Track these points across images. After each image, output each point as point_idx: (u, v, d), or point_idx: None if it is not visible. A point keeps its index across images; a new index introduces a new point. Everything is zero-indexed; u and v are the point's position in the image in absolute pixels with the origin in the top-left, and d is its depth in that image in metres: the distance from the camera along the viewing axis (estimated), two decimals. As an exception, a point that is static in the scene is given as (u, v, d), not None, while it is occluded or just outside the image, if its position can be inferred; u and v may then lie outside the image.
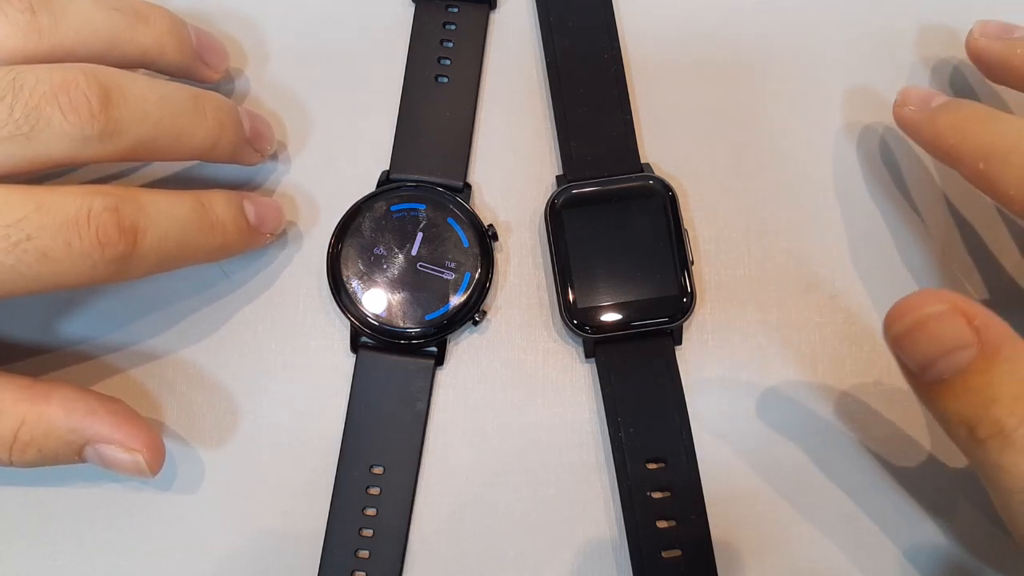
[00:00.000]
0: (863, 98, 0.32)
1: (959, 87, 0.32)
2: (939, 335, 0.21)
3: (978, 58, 0.29)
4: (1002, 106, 0.32)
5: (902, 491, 0.28)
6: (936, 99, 0.28)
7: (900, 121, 0.29)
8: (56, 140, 0.23)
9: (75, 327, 0.30)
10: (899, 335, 0.22)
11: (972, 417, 0.21)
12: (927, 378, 0.22)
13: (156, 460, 0.26)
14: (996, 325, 0.21)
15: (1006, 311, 0.22)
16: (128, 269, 0.24)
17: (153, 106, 0.25)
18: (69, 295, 0.30)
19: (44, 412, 0.24)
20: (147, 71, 0.28)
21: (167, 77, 0.28)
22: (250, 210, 0.28)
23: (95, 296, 0.30)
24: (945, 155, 0.27)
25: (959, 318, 0.21)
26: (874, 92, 0.32)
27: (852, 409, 0.29)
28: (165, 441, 0.29)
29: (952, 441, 0.22)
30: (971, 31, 0.29)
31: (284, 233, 0.31)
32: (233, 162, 0.29)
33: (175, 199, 0.25)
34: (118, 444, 0.25)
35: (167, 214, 0.25)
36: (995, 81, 0.29)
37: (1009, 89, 0.30)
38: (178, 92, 0.26)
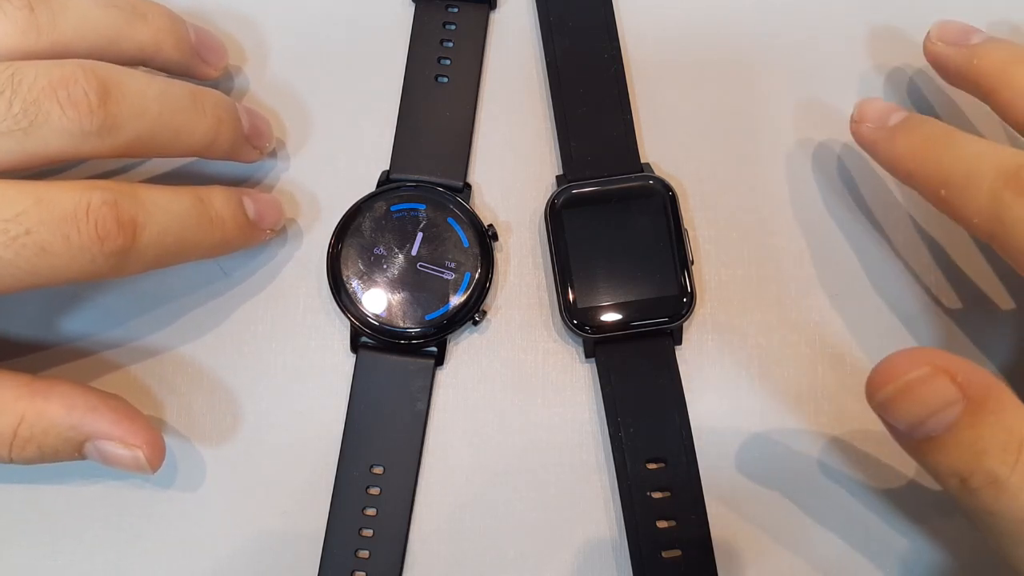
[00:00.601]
0: (864, 97, 0.32)
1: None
2: (925, 398, 0.21)
3: (935, 64, 0.29)
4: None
5: (903, 491, 0.28)
6: (894, 115, 0.27)
7: (858, 139, 0.28)
8: (55, 135, 0.23)
9: (75, 324, 0.30)
10: (884, 402, 0.22)
11: (964, 470, 0.21)
12: (915, 437, 0.22)
13: (156, 456, 0.26)
14: (979, 377, 0.21)
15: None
16: (127, 264, 0.24)
17: (152, 102, 0.25)
18: (69, 291, 0.30)
19: (44, 409, 0.24)
20: (146, 68, 0.28)
21: (166, 74, 0.28)
22: (249, 206, 0.28)
23: (95, 293, 0.30)
24: (904, 179, 0.26)
25: (943, 377, 0.21)
26: (875, 91, 0.32)
27: (852, 409, 0.29)
28: (165, 441, 0.29)
29: (943, 489, 0.22)
30: (928, 34, 0.28)
31: (284, 232, 0.31)
32: (231, 159, 0.29)
33: (174, 194, 0.25)
34: (118, 440, 0.25)
35: (166, 209, 0.25)
36: (953, 85, 0.29)
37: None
38: (176, 88, 0.26)
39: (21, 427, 0.24)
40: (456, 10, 0.32)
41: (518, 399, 0.29)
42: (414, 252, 0.29)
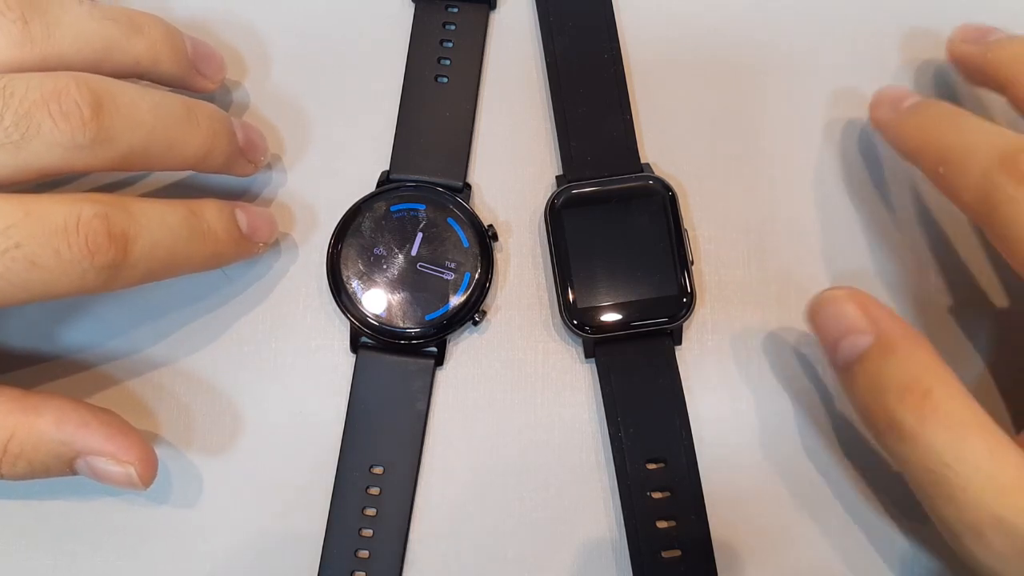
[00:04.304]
0: (863, 97, 0.32)
1: (955, 87, 0.32)
2: (839, 314, 0.24)
3: (956, 63, 0.30)
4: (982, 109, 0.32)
5: (903, 491, 0.28)
6: (908, 100, 0.28)
7: (873, 122, 0.29)
8: (47, 148, 0.23)
9: (74, 333, 0.30)
10: (810, 312, 0.25)
11: (867, 405, 0.23)
12: (837, 362, 0.24)
13: (148, 472, 0.25)
14: (895, 323, 0.23)
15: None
16: (118, 277, 0.24)
17: (145, 114, 0.24)
18: (67, 301, 0.30)
19: (35, 424, 0.24)
20: (142, 81, 0.27)
21: (163, 87, 0.28)
22: (242, 219, 0.28)
23: (93, 301, 0.30)
24: (910, 156, 0.27)
25: (853, 304, 0.24)
26: (875, 92, 0.32)
27: (853, 409, 0.29)
28: (164, 442, 0.29)
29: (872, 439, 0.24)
30: (951, 36, 0.30)
31: (282, 238, 0.31)
32: (226, 172, 0.28)
33: (166, 207, 0.25)
34: (110, 456, 0.25)
35: (158, 222, 0.24)
36: (973, 84, 0.29)
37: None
38: (171, 101, 0.26)
39: (11, 442, 0.23)
40: (456, 10, 0.32)
41: (518, 399, 0.29)
42: (414, 252, 0.29)
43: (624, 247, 0.29)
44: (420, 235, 0.29)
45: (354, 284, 0.29)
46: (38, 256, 0.22)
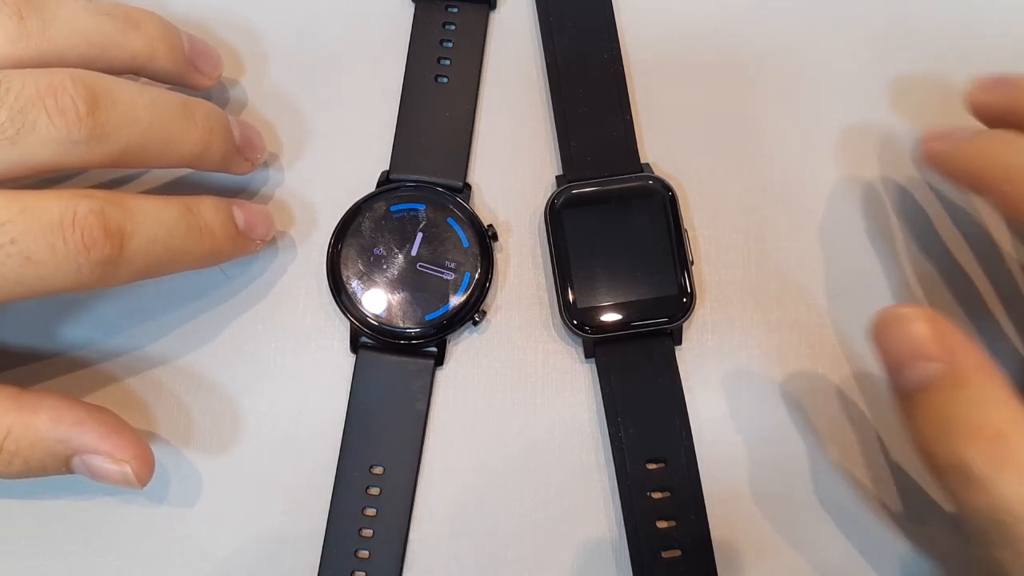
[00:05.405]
0: (863, 98, 0.32)
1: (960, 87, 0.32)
2: (908, 335, 0.22)
3: (981, 113, 0.28)
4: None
5: (904, 492, 0.28)
6: (964, 132, 0.27)
7: (928, 156, 0.28)
8: (42, 144, 0.23)
9: (72, 331, 0.30)
10: (875, 328, 0.23)
11: (930, 441, 0.21)
12: (899, 386, 0.22)
13: (144, 471, 0.25)
14: (968, 351, 0.21)
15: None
16: (114, 273, 0.24)
17: (142, 111, 0.24)
18: (65, 298, 0.30)
19: (31, 422, 0.24)
20: (138, 77, 0.27)
21: (160, 84, 0.28)
22: (239, 216, 0.28)
23: (91, 298, 0.30)
24: (971, 180, 0.26)
25: (930, 328, 0.22)
26: (874, 93, 0.32)
27: (853, 409, 0.29)
28: (163, 441, 0.29)
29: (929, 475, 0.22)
30: (969, 91, 0.28)
31: (281, 235, 0.31)
32: (222, 171, 0.28)
33: (163, 204, 0.25)
34: (106, 455, 0.24)
35: (154, 218, 0.24)
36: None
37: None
38: (167, 98, 0.26)
39: (7, 441, 0.23)
40: (456, 10, 0.32)
41: (518, 399, 0.29)
42: (414, 252, 0.29)
43: (624, 247, 0.29)
44: (420, 235, 0.29)
45: (354, 284, 0.29)
46: (33, 251, 0.22)
